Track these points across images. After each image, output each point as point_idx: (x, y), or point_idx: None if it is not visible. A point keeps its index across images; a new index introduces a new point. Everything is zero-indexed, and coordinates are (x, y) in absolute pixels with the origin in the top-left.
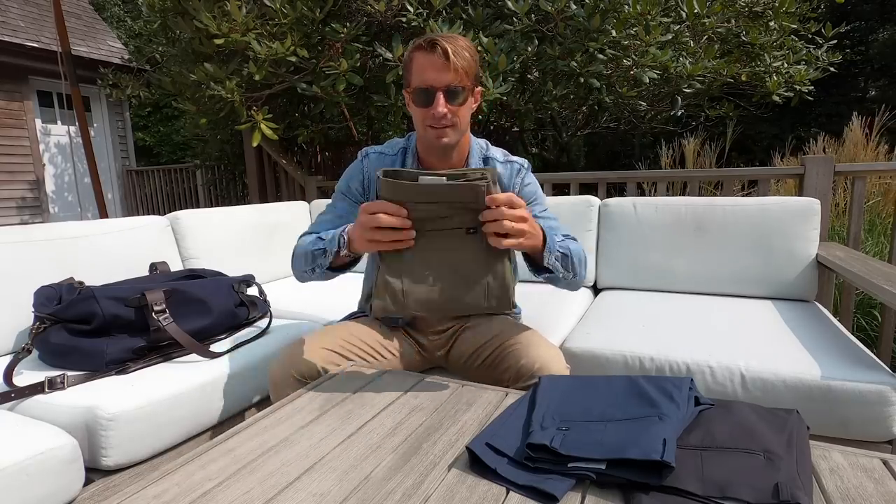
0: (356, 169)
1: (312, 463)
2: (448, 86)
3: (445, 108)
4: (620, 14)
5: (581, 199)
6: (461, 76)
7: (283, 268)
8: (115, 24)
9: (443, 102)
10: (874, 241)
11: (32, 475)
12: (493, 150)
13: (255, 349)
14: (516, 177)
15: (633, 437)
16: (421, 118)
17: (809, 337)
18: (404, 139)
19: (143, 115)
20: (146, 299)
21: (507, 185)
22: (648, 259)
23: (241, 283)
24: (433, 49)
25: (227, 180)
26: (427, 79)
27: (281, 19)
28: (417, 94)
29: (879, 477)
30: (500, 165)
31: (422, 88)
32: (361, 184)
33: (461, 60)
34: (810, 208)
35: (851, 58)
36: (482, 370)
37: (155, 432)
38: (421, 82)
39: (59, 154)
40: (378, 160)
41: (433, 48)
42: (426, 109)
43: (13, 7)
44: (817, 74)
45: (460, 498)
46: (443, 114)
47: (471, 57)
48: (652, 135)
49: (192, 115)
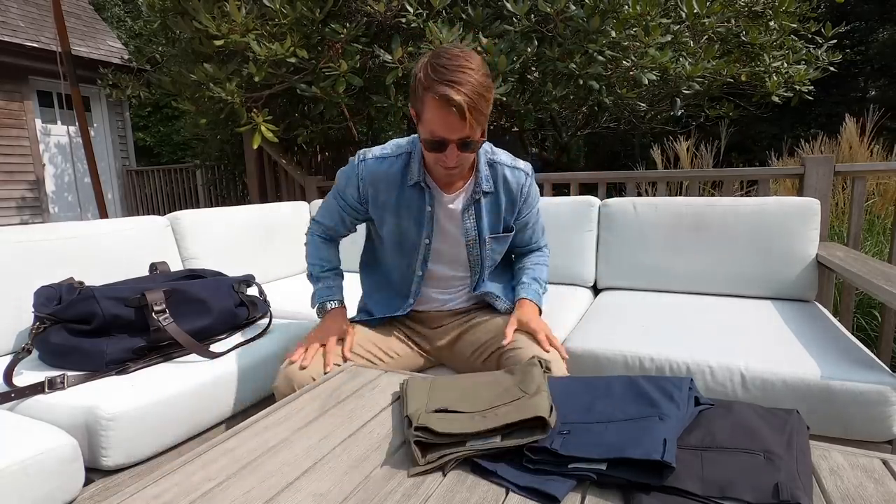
0: (351, 173)
1: (312, 463)
2: (461, 139)
3: (457, 157)
4: (620, 15)
5: (581, 199)
6: (475, 129)
7: (283, 268)
8: (115, 24)
9: (456, 153)
10: (874, 241)
11: (32, 475)
12: (498, 153)
13: (255, 349)
14: (523, 187)
15: (634, 438)
16: (432, 159)
17: (809, 337)
18: (408, 142)
19: (143, 115)
20: (146, 299)
21: (515, 192)
22: (648, 259)
23: (241, 283)
24: (450, 107)
25: (227, 180)
26: (439, 132)
27: (281, 20)
28: (429, 142)
29: (879, 477)
30: (507, 171)
31: (434, 140)
32: (357, 190)
33: (477, 114)
34: (810, 208)
35: (851, 58)
36: (488, 366)
37: (155, 432)
38: (432, 133)
39: (59, 154)
40: (375, 166)
41: (450, 107)
42: (438, 154)
43: (13, 7)
44: (817, 74)
45: (460, 498)
46: (455, 164)
47: (486, 101)
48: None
49: (192, 116)
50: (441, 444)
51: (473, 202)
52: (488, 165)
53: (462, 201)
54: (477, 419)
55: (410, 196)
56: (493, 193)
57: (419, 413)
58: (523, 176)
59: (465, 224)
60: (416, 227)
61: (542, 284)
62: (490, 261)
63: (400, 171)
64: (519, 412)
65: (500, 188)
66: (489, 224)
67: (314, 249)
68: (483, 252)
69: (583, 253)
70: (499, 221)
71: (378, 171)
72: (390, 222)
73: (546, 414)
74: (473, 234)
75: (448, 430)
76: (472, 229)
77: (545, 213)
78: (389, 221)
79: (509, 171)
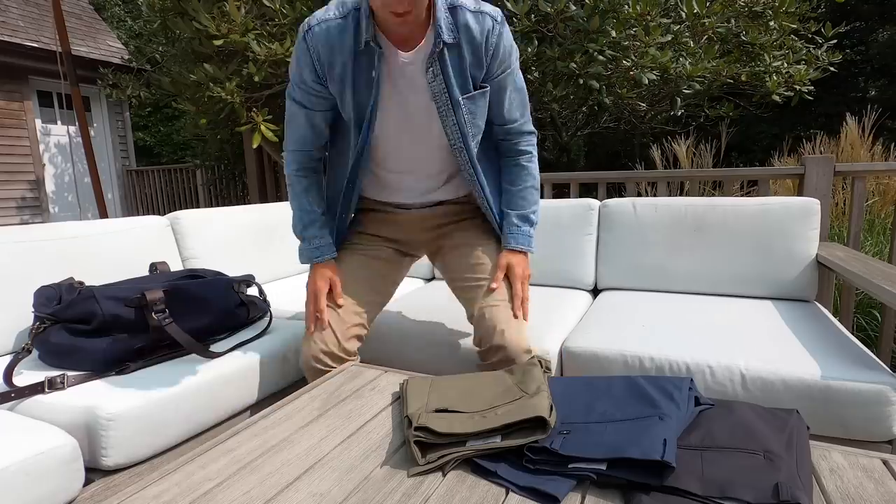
0: (301, 51)
1: (312, 463)
2: None
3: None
4: (620, 15)
5: (581, 202)
6: None
7: (283, 267)
8: (115, 24)
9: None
10: (874, 241)
11: (32, 475)
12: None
13: (255, 349)
14: (490, 35)
15: (634, 438)
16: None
17: (809, 337)
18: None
19: (143, 115)
20: (146, 299)
21: (479, 41)
22: (648, 259)
23: (241, 283)
24: None
25: (227, 180)
26: None
27: (280, 20)
28: None
29: (879, 477)
30: (470, 16)
31: None
32: (313, 69)
33: None
34: (810, 208)
35: (851, 58)
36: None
37: (155, 432)
38: None
39: (59, 154)
40: (324, 33)
41: None
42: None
43: (13, 7)
44: (817, 74)
45: (460, 498)
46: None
47: None
48: (652, 135)
49: (192, 116)
50: (441, 444)
51: (436, 56)
52: (448, 10)
53: (422, 59)
54: (477, 419)
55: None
56: (456, 45)
57: (419, 413)
58: (489, 21)
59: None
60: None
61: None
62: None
63: (351, 34)
64: (519, 412)
65: (462, 38)
66: (458, 83)
67: (294, 198)
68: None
69: (583, 256)
70: (466, 80)
71: (330, 38)
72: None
73: (546, 414)
74: (444, 98)
75: (448, 431)
76: (442, 91)
77: (544, 214)
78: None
79: (472, 16)
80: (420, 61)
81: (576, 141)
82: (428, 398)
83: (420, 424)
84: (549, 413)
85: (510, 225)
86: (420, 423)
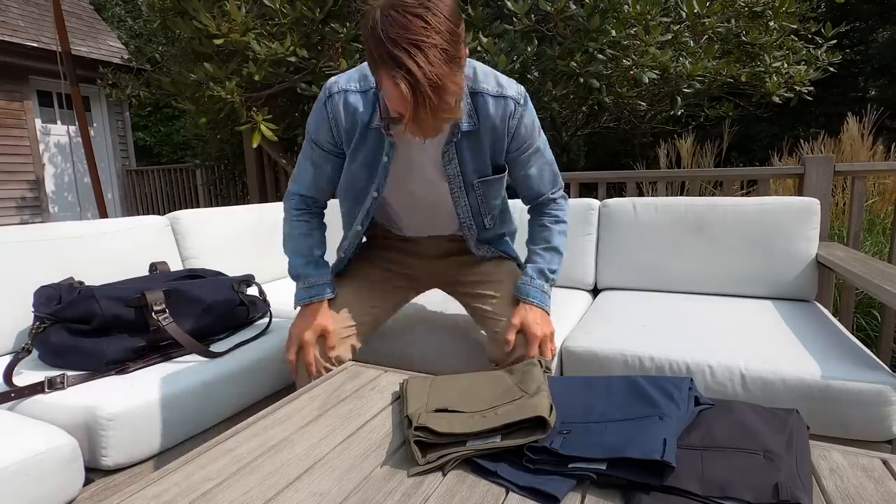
0: (320, 116)
1: (312, 463)
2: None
3: None
4: (620, 14)
5: (581, 202)
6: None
7: (283, 268)
8: (115, 24)
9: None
10: (874, 241)
11: (32, 475)
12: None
13: (255, 349)
14: (510, 119)
15: (634, 437)
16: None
17: (809, 337)
18: None
19: (143, 115)
20: (146, 299)
21: (501, 128)
22: (648, 259)
23: (241, 282)
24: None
25: (227, 180)
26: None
27: (281, 19)
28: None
29: (879, 477)
30: (491, 102)
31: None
32: (330, 133)
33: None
34: (810, 208)
35: (851, 58)
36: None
37: (155, 432)
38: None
39: (59, 154)
40: (343, 103)
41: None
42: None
43: (13, 7)
44: (817, 74)
45: (460, 498)
46: None
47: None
48: (652, 135)
49: (192, 115)
50: (441, 443)
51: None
52: (470, 95)
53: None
54: (477, 419)
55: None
56: (475, 132)
57: (419, 413)
58: (511, 105)
59: (447, 169)
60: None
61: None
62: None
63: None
64: (519, 412)
65: (482, 125)
66: (474, 167)
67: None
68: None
69: (583, 257)
70: (483, 164)
71: (348, 109)
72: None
73: (546, 414)
74: (458, 181)
75: (448, 430)
76: (456, 175)
77: None
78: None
79: (493, 101)
80: (436, 146)
81: (576, 141)
82: (428, 398)
83: (420, 424)
84: (549, 413)
85: (525, 275)
86: (420, 423)
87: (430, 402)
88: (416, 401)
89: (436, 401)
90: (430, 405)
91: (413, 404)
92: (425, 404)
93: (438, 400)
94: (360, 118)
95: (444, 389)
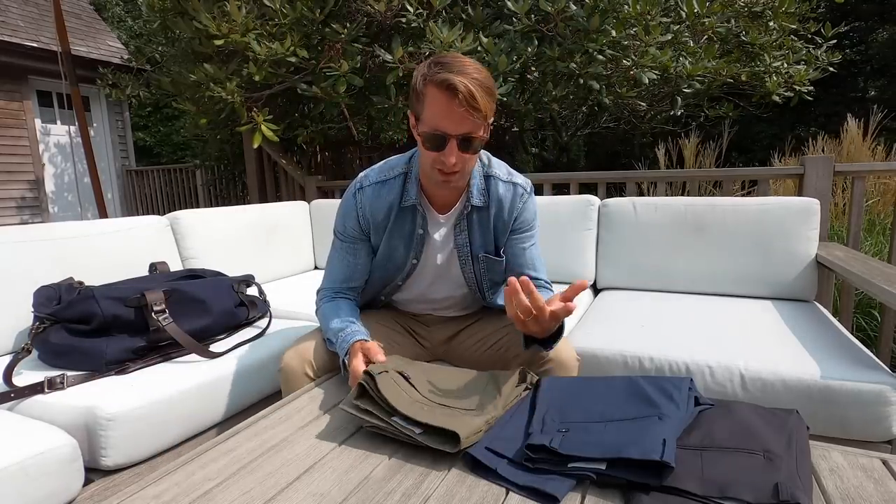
0: (350, 207)
1: (312, 463)
2: (464, 135)
3: (456, 157)
4: (620, 14)
5: (581, 198)
6: (479, 124)
7: (283, 268)
8: (115, 24)
9: (456, 152)
10: (874, 241)
11: (32, 475)
12: (495, 164)
13: (254, 349)
14: (517, 202)
15: (633, 437)
16: (430, 161)
17: (809, 337)
18: (405, 161)
19: (143, 115)
20: (146, 299)
21: (507, 210)
22: (648, 259)
23: (241, 283)
24: (454, 94)
25: (227, 180)
26: (441, 124)
27: (281, 20)
28: (428, 137)
29: (879, 477)
30: (501, 185)
31: (435, 134)
32: (358, 223)
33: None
34: (810, 208)
35: (851, 58)
36: (490, 354)
37: (155, 432)
38: (434, 128)
39: (59, 154)
40: (374, 193)
41: (454, 93)
42: (436, 154)
43: (13, 7)
44: (817, 74)
45: (460, 498)
46: (454, 163)
47: (489, 94)
48: (652, 135)
49: (192, 116)
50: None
51: (464, 217)
52: (483, 178)
53: (454, 217)
54: (416, 406)
55: (404, 217)
56: (485, 209)
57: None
58: (520, 191)
59: (458, 239)
60: (405, 248)
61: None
62: (488, 281)
63: (397, 194)
64: (445, 421)
65: (492, 204)
66: (480, 243)
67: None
68: (478, 269)
69: (583, 252)
70: (488, 241)
71: (377, 198)
72: (382, 243)
73: (464, 434)
74: (466, 250)
75: (385, 395)
76: (465, 244)
77: (544, 212)
78: (381, 242)
79: (503, 185)
80: (452, 219)
81: (576, 141)
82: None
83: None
84: (469, 434)
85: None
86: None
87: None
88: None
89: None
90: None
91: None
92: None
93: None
94: (393, 202)
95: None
